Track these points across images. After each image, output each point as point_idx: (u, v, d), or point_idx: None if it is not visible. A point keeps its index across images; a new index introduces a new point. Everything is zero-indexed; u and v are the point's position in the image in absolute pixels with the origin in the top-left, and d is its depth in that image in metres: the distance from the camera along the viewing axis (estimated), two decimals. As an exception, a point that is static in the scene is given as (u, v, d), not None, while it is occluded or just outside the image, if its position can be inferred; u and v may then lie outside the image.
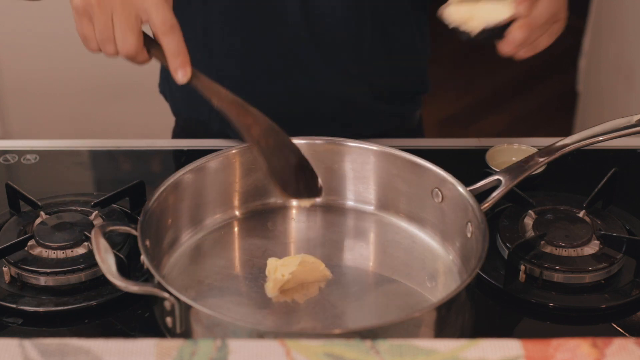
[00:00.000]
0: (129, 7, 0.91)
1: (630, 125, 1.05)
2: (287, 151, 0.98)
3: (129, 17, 0.92)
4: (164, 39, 0.93)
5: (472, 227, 0.97)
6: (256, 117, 0.96)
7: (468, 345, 0.74)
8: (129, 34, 0.92)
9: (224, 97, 0.96)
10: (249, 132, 0.96)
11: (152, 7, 0.92)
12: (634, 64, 2.31)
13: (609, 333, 0.95)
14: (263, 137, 0.96)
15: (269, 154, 0.96)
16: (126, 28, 0.92)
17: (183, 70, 0.93)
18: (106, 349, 0.73)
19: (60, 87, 2.50)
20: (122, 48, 0.93)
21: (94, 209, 1.07)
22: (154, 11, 0.92)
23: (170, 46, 0.93)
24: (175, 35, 0.93)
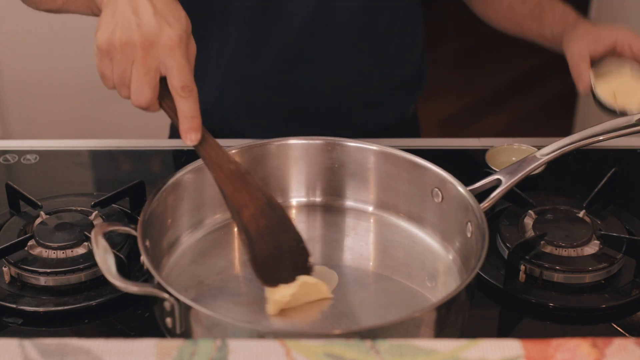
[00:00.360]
0: (151, 61, 0.90)
1: (630, 125, 1.05)
2: (278, 233, 0.95)
3: (148, 70, 0.91)
4: (180, 101, 0.91)
5: (472, 227, 0.97)
6: (253, 193, 0.94)
7: (468, 345, 0.74)
8: (145, 88, 0.91)
9: (225, 168, 0.94)
10: (240, 215, 0.93)
11: (174, 67, 0.90)
12: (634, 64, 2.31)
13: (609, 333, 0.95)
14: (254, 220, 0.94)
15: (257, 239, 0.93)
16: (143, 81, 0.91)
17: (193, 135, 0.93)
18: (106, 349, 0.73)
19: (60, 87, 2.50)
20: (135, 99, 0.92)
21: (94, 209, 1.07)
22: (175, 72, 0.91)
23: (185, 109, 0.92)
24: (192, 99, 0.92)
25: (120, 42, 0.90)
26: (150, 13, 0.91)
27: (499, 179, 1.02)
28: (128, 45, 0.90)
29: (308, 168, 1.08)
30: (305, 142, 1.08)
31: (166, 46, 0.90)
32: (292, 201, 1.11)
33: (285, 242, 0.95)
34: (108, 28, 0.92)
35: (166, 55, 0.90)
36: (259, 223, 0.94)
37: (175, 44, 0.90)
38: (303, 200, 1.11)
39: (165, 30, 0.90)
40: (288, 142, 1.08)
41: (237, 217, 0.94)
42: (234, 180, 0.94)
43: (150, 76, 0.91)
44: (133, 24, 0.91)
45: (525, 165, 1.03)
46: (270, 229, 0.94)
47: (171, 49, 0.90)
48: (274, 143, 1.08)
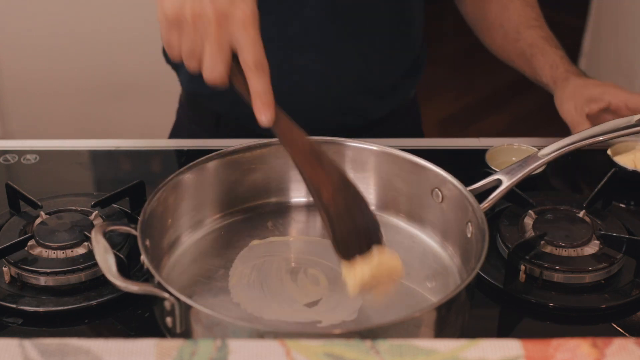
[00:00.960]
0: (225, 36, 0.88)
1: (630, 125, 1.05)
2: (354, 210, 0.93)
3: (222, 46, 0.88)
4: (253, 77, 0.89)
5: (472, 227, 0.97)
6: (328, 171, 0.93)
7: (468, 345, 0.74)
8: (219, 63, 0.89)
9: (300, 146, 0.92)
10: (320, 196, 0.92)
11: (248, 42, 0.88)
12: (634, 64, 2.31)
13: (609, 333, 0.95)
14: (333, 199, 0.92)
15: (337, 219, 0.92)
16: (217, 56, 0.88)
17: (267, 112, 0.90)
18: (106, 349, 0.73)
19: (60, 87, 2.50)
20: (208, 74, 0.89)
21: (94, 209, 1.07)
22: (249, 47, 0.88)
23: (258, 86, 0.89)
24: (265, 75, 0.89)
25: (192, 14, 0.87)
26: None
27: (499, 179, 1.02)
28: (201, 19, 0.87)
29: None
30: (305, 142, 1.08)
31: (240, 21, 0.88)
32: (292, 201, 1.11)
33: (360, 218, 0.94)
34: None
35: (240, 30, 0.88)
36: (337, 201, 0.92)
37: (250, 19, 0.88)
38: (303, 200, 1.11)
39: (238, 5, 0.88)
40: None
41: (316, 196, 0.92)
42: (311, 159, 0.92)
43: (224, 52, 0.88)
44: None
45: (525, 165, 1.03)
46: (347, 207, 0.93)
47: (245, 24, 0.88)
48: (274, 143, 1.08)
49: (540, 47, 1.32)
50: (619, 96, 1.20)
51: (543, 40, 1.32)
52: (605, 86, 1.23)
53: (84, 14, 2.38)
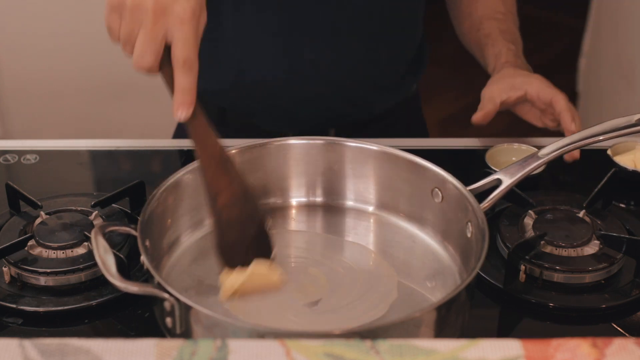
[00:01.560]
0: (158, 28, 0.89)
1: (630, 125, 1.05)
2: (249, 223, 0.96)
3: (154, 37, 0.89)
4: (179, 74, 0.90)
5: (472, 227, 0.97)
6: (231, 180, 0.95)
7: (468, 345, 0.74)
8: (148, 53, 0.90)
9: (209, 150, 0.94)
10: (215, 201, 0.94)
11: (180, 39, 0.89)
12: (634, 64, 2.31)
13: (609, 333, 0.95)
14: (227, 208, 0.94)
15: (226, 227, 0.95)
16: (147, 47, 0.89)
17: (185, 110, 0.91)
18: (106, 349, 0.73)
19: (60, 87, 2.50)
20: (136, 61, 0.91)
21: (94, 209, 1.07)
22: (180, 44, 0.89)
23: (182, 82, 0.90)
24: (192, 74, 0.90)
25: (132, 2, 0.89)
26: None
27: (499, 179, 1.02)
28: (139, 9, 0.88)
29: (308, 168, 1.08)
30: (305, 142, 1.08)
31: (177, 17, 0.88)
32: (292, 201, 1.11)
33: (252, 234, 0.96)
34: None
35: (175, 26, 0.89)
36: (231, 211, 0.95)
37: (187, 17, 0.89)
38: (303, 200, 1.11)
39: (179, 1, 0.89)
40: (288, 142, 1.08)
41: (212, 201, 0.94)
42: (216, 163, 0.94)
43: (155, 43, 0.89)
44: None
45: (526, 165, 1.03)
46: (241, 219, 0.95)
47: (182, 21, 0.88)
48: (274, 143, 1.08)
49: (493, 38, 1.33)
50: (536, 87, 1.22)
51: (499, 32, 1.33)
52: (529, 77, 1.24)
53: (84, 14, 2.38)
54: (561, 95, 1.20)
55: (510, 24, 1.36)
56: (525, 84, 1.23)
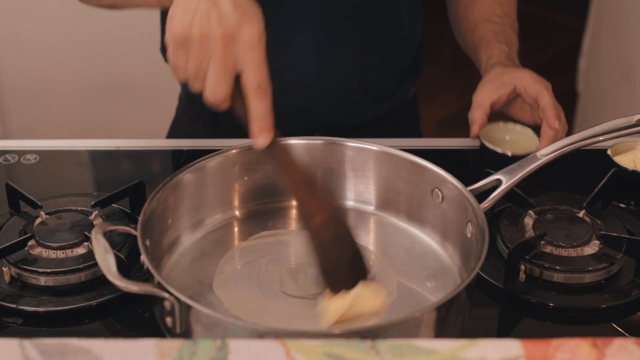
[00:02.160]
0: (229, 57, 0.88)
1: (630, 125, 1.05)
2: (343, 243, 0.94)
3: (226, 66, 0.88)
4: (254, 100, 0.89)
5: (472, 227, 0.97)
6: (321, 201, 0.93)
7: (468, 345, 0.74)
8: (222, 84, 0.88)
9: (294, 173, 0.93)
10: (310, 222, 0.92)
11: (251, 65, 0.88)
12: (634, 64, 2.31)
13: (609, 333, 0.95)
14: (322, 228, 0.92)
15: (325, 247, 0.92)
16: (220, 77, 0.88)
17: (265, 136, 0.90)
18: (106, 349, 0.73)
19: (60, 87, 2.50)
20: (209, 94, 0.89)
21: (94, 209, 1.07)
22: (252, 70, 0.88)
23: (258, 109, 0.90)
24: (266, 99, 0.89)
25: (200, 34, 0.87)
26: (230, 6, 0.88)
27: (499, 179, 1.02)
28: (208, 39, 0.87)
29: (308, 168, 1.08)
30: (305, 142, 1.08)
31: (247, 43, 0.88)
32: (292, 201, 1.11)
33: (348, 254, 0.94)
34: (185, 18, 0.88)
35: (246, 52, 0.88)
36: (327, 233, 0.93)
37: (256, 42, 0.88)
38: (303, 200, 1.11)
39: (246, 26, 0.88)
40: (288, 142, 1.08)
41: (307, 224, 0.92)
42: (304, 186, 0.93)
43: (228, 73, 0.88)
44: (213, 17, 0.87)
45: (525, 165, 1.03)
46: (336, 240, 0.93)
47: (251, 46, 0.88)
48: (274, 143, 1.08)
49: (487, 40, 1.33)
50: (524, 81, 1.22)
51: (493, 34, 1.33)
52: (516, 71, 1.24)
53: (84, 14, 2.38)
54: (547, 92, 1.19)
55: (507, 28, 1.35)
56: (513, 79, 1.23)
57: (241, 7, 0.88)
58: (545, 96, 1.19)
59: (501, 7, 1.37)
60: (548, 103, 1.19)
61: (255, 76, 0.89)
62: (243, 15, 0.88)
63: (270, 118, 0.90)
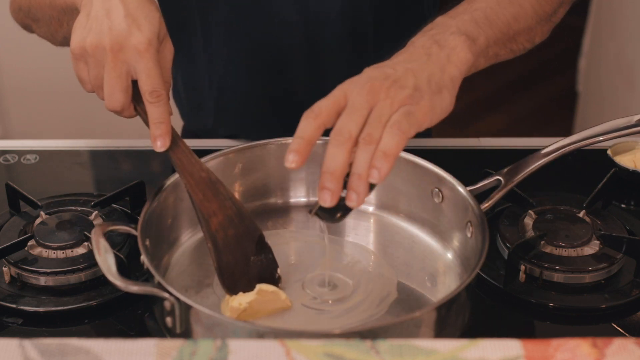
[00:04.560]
0: (120, 65, 0.90)
1: (630, 125, 1.05)
2: (246, 243, 0.95)
3: (119, 74, 0.91)
4: (150, 106, 0.91)
5: (472, 227, 0.97)
6: (222, 202, 0.94)
7: (468, 345, 0.74)
8: (116, 92, 0.91)
9: (195, 175, 0.94)
10: (208, 224, 0.93)
11: (142, 71, 0.90)
12: (634, 64, 2.31)
13: (609, 333, 0.95)
14: (222, 230, 0.93)
15: (223, 248, 0.93)
16: (114, 85, 0.91)
17: (162, 140, 0.92)
18: (106, 349, 0.73)
19: (60, 87, 2.50)
20: (107, 102, 0.92)
21: (94, 209, 1.07)
22: (144, 77, 0.91)
23: (154, 114, 0.92)
24: (162, 104, 0.91)
25: (91, 46, 0.91)
26: (121, 15, 0.91)
27: (499, 179, 1.02)
28: (98, 49, 0.90)
29: (308, 168, 1.08)
30: (305, 142, 1.08)
31: (135, 50, 0.90)
32: (292, 201, 1.11)
33: (252, 252, 0.95)
34: (82, 31, 0.92)
35: (135, 59, 0.90)
36: (227, 232, 0.94)
37: (144, 48, 0.90)
38: (303, 200, 1.11)
39: (134, 34, 0.90)
40: (288, 142, 1.08)
41: (204, 225, 0.93)
42: (204, 188, 0.94)
43: (121, 80, 0.91)
44: (105, 27, 0.90)
45: (526, 165, 1.03)
46: (238, 239, 0.94)
47: (139, 52, 0.90)
48: (274, 143, 1.08)
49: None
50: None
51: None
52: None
53: (84, 14, 2.38)
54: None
55: None
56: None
57: (132, 15, 0.91)
58: None
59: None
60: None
61: (147, 82, 0.91)
62: (133, 22, 0.90)
63: (166, 123, 0.92)
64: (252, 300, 0.91)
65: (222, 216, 0.94)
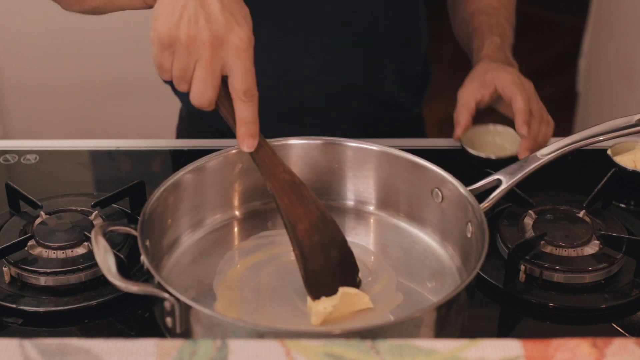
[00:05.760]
0: (217, 61, 0.86)
1: (630, 125, 1.05)
2: (329, 248, 0.93)
3: (213, 71, 0.87)
4: (241, 106, 0.88)
5: (472, 227, 0.97)
6: (307, 206, 0.92)
7: (468, 345, 0.74)
8: (209, 88, 0.87)
9: (279, 178, 0.92)
10: (295, 230, 0.91)
11: (239, 70, 0.87)
12: (634, 64, 2.31)
13: (609, 333, 0.95)
14: (308, 236, 0.91)
15: (310, 255, 0.92)
16: (207, 82, 0.87)
17: (252, 140, 0.90)
18: (106, 349, 0.73)
19: (60, 86, 2.50)
20: (195, 98, 0.88)
21: (94, 209, 1.07)
22: (240, 75, 0.87)
23: (245, 114, 0.88)
24: (253, 105, 0.88)
25: (187, 37, 0.85)
26: (218, 8, 0.86)
27: (499, 179, 1.02)
28: (196, 42, 0.86)
29: (308, 168, 1.08)
30: (305, 142, 1.08)
31: (235, 47, 0.86)
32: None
33: (335, 257, 0.94)
34: (171, 19, 0.86)
35: (234, 57, 0.86)
36: (313, 239, 0.92)
37: (245, 47, 0.86)
38: (303, 200, 1.11)
39: (234, 30, 0.86)
40: (288, 142, 1.08)
41: (291, 231, 0.92)
42: (289, 191, 0.92)
43: (215, 77, 0.87)
44: (201, 19, 0.85)
45: (526, 166, 1.03)
46: (323, 245, 0.93)
47: (240, 50, 0.86)
48: (274, 143, 1.08)
49: (481, 31, 1.31)
50: (503, 82, 1.20)
51: (487, 26, 1.31)
52: (499, 70, 1.22)
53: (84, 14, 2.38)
54: (521, 96, 1.17)
55: (502, 19, 1.33)
56: (494, 79, 1.21)
57: (229, 9, 0.87)
58: (517, 100, 1.17)
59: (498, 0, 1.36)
60: (519, 108, 1.17)
61: (243, 81, 0.87)
62: (232, 17, 0.86)
63: (256, 124, 0.90)
64: (337, 304, 0.91)
65: (307, 222, 0.92)
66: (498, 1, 1.36)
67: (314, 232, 0.92)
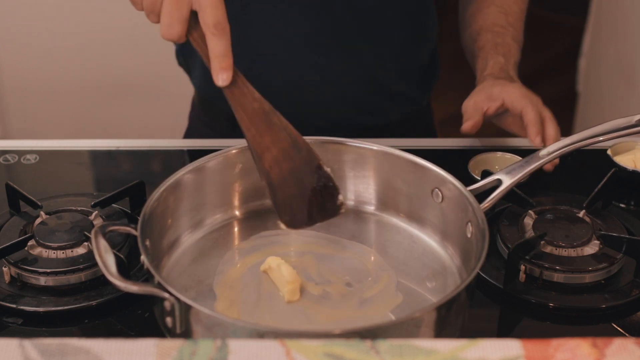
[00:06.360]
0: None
1: (630, 125, 1.05)
2: (303, 175, 0.92)
3: (180, 6, 0.87)
4: (213, 40, 0.88)
5: (472, 227, 0.97)
6: (276, 135, 0.91)
7: (468, 345, 0.74)
8: (176, 22, 0.88)
9: (248, 108, 0.91)
10: (261, 160, 0.91)
11: (208, 4, 0.87)
12: (634, 64, 2.31)
13: (609, 333, 0.95)
14: (276, 165, 0.91)
15: (279, 184, 0.91)
16: (173, 14, 0.88)
17: (226, 73, 0.90)
18: (106, 349, 0.73)
19: (60, 86, 2.50)
20: (164, 32, 0.89)
21: (94, 209, 1.07)
22: (209, 9, 0.87)
23: (217, 48, 0.89)
24: (225, 37, 0.88)
25: None
26: None
27: (499, 179, 1.02)
28: None
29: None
30: (305, 142, 1.08)
31: None
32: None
33: (311, 182, 0.93)
34: None
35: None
36: (282, 167, 0.91)
37: None
38: (303, 200, 1.11)
39: None
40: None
41: (258, 162, 0.91)
42: (257, 121, 0.91)
43: (182, 10, 0.88)
44: None
45: (526, 165, 1.03)
46: (294, 172, 0.92)
47: None
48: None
49: (486, 50, 1.31)
50: (511, 96, 1.19)
51: (492, 45, 1.31)
52: (506, 85, 1.22)
53: (84, 14, 2.38)
54: (531, 107, 1.17)
55: (507, 38, 1.33)
56: (502, 92, 1.20)
57: None
58: (528, 112, 1.17)
59: (506, 17, 1.35)
60: (530, 120, 1.16)
61: (212, 15, 0.88)
62: None
63: (230, 57, 0.89)
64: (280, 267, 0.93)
65: (276, 150, 0.91)
66: (506, 19, 1.35)
67: (283, 160, 0.92)
